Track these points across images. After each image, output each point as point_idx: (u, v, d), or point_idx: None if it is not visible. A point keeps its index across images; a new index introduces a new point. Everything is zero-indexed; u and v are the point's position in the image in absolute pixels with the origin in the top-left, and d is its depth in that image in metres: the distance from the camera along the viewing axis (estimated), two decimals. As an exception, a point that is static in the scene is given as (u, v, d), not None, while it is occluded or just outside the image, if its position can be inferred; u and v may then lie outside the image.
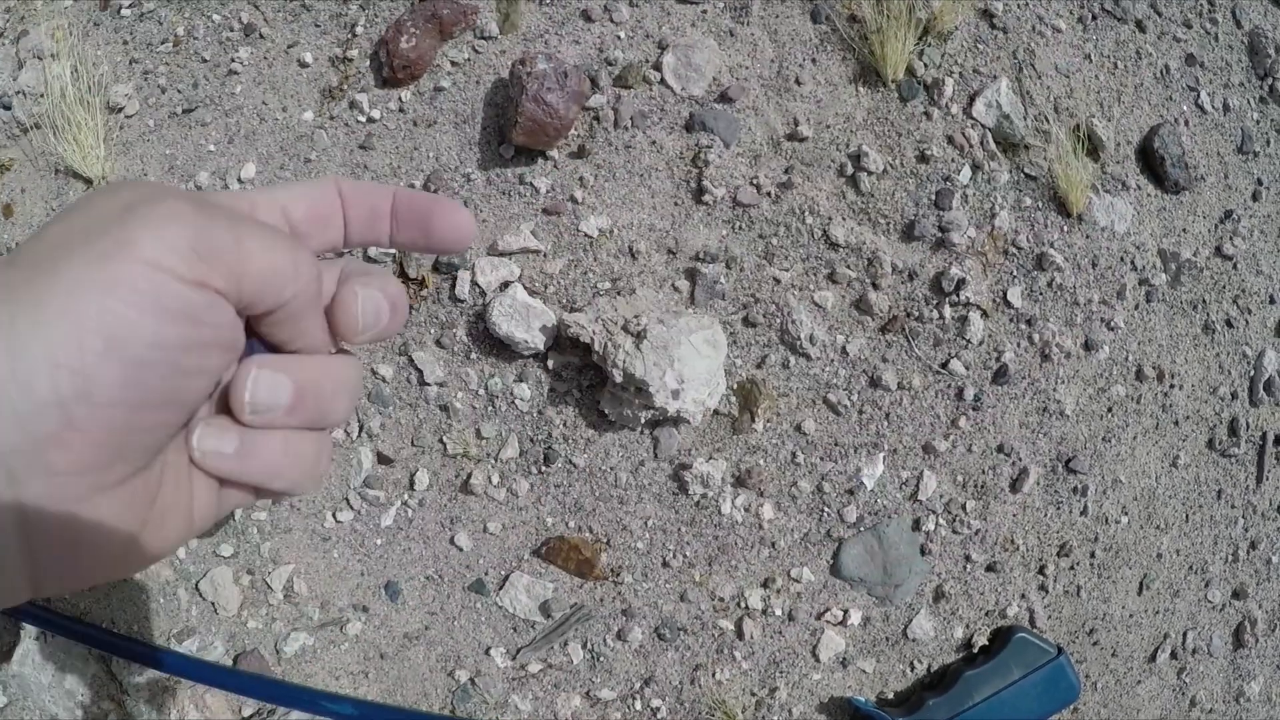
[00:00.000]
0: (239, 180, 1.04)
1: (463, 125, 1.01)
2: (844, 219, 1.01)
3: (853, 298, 1.01)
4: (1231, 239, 1.15)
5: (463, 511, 1.01)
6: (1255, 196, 1.18)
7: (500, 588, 1.01)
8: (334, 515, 1.01)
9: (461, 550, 1.01)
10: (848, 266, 1.00)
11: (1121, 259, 1.08)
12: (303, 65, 1.04)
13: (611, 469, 0.98)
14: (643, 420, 0.93)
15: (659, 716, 1.02)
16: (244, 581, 1.02)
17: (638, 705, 1.02)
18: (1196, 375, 1.13)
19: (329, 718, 1.01)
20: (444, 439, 0.99)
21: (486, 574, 1.01)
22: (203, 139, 1.05)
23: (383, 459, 1.00)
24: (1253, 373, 1.17)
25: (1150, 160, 1.12)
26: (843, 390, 0.99)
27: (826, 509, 1.00)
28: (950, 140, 1.03)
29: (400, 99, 1.02)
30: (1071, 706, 1.13)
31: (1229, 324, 1.15)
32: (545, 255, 0.99)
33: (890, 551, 1.00)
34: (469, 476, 0.99)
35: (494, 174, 1.00)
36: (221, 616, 1.02)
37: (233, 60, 1.05)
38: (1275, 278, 1.18)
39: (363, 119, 1.02)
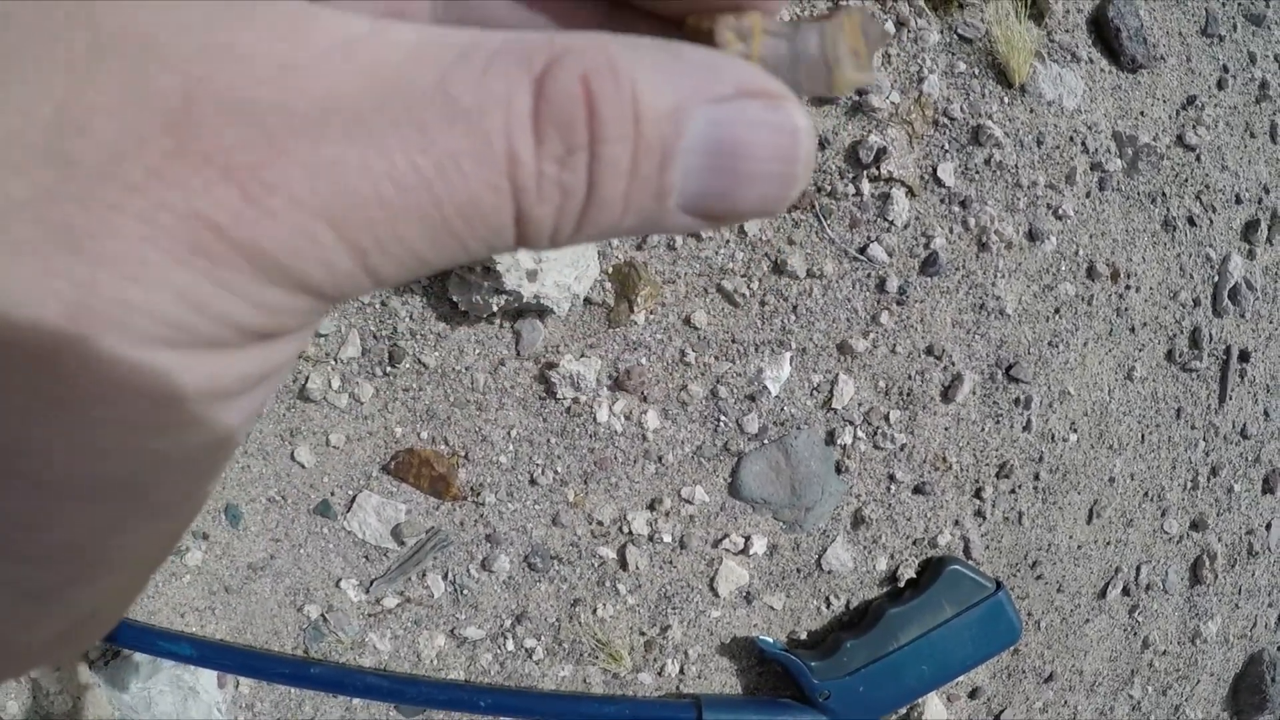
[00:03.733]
0: None
1: None
2: (744, 77, 0.77)
3: (754, 169, 0.76)
4: (1195, 128, 0.91)
5: (302, 422, 0.77)
6: (1220, 85, 0.93)
7: (348, 510, 0.77)
8: (158, 428, 0.78)
9: (304, 467, 0.77)
10: (748, 132, 0.76)
11: (1071, 139, 0.84)
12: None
13: (467, 369, 0.74)
14: (495, 308, 0.69)
15: (534, 658, 0.79)
16: (68, 506, 0.79)
17: (509, 645, 0.79)
18: (1155, 277, 0.89)
19: (168, 659, 0.79)
20: (275, 336, 0.76)
21: (332, 494, 0.78)
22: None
23: (208, 361, 0.77)
24: (1216, 278, 0.93)
25: (1104, 32, 0.87)
26: (740, 277, 0.75)
27: (723, 418, 0.76)
28: (872, -10, 0.78)
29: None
30: (1011, 648, 0.90)
31: (1191, 222, 0.91)
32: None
33: (799, 468, 0.77)
34: (306, 380, 0.76)
35: None
36: (45, 546, 0.79)
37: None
38: (1242, 175, 0.94)
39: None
